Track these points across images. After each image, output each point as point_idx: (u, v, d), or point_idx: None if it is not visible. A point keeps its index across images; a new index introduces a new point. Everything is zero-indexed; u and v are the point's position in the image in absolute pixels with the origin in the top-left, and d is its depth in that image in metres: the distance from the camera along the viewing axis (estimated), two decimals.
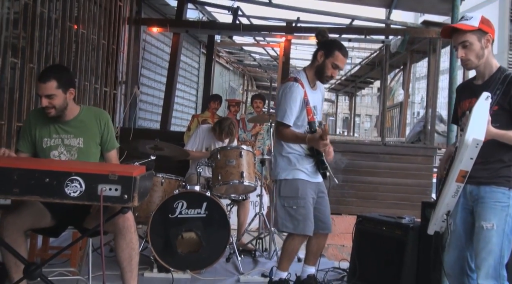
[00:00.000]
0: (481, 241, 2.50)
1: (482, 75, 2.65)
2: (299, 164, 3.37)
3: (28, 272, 2.49)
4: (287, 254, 3.47)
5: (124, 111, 7.09)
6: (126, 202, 2.19)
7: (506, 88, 2.50)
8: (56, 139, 3.00)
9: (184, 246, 3.93)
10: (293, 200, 3.35)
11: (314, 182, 3.43)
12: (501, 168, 2.54)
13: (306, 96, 3.34)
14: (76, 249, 3.60)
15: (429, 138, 7.60)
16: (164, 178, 4.33)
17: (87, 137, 3.04)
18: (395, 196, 6.95)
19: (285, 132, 3.32)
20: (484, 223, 2.50)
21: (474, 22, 2.56)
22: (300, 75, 3.43)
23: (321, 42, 3.44)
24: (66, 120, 3.01)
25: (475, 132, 2.38)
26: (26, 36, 4.88)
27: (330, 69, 3.35)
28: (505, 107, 2.52)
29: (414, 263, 3.60)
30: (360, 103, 29.36)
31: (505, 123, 2.51)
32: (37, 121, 3.01)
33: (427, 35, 7.58)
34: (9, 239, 2.65)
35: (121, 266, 2.80)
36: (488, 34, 2.56)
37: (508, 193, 2.51)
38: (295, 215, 3.34)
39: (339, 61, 3.33)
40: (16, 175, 2.14)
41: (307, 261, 3.62)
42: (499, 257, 2.47)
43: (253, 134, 6.69)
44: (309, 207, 3.37)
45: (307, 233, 3.36)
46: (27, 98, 4.95)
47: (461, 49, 2.59)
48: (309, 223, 3.35)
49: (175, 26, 7.60)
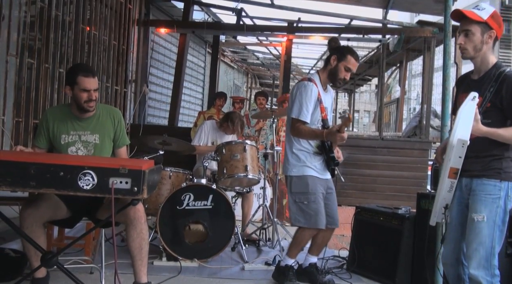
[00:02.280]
0: (473, 233, 2.47)
1: (478, 70, 2.59)
2: (308, 161, 3.38)
3: (45, 260, 2.52)
4: (296, 243, 3.50)
5: (134, 108, 7.10)
6: (136, 194, 2.20)
7: (499, 86, 2.45)
8: (74, 136, 3.02)
9: (191, 236, 3.95)
10: (304, 196, 3.36)
11: (323, 179, 3.44)
12: (492, 160, 2.49)
13: (319, 95, 3.36)
14: (90, 239, 3.62)
15: (424, 132, 7.58)
16: (172, 171, 4.34)
17: (103, 134, 3.07)
18: (392, 188, 6.95)
19: (302, 128, 3.31)
20: (475, 215, 2.46)
21: (484, 14, 2.47)
22: (314, 76, 3.45)
23: (333, 47, 3.48)
24: (84, 117, 3.03)
25: (460, 133, 2.36)
26: (42, 38, 4.90)
27: (343, 72, 3.38)
28: (497, 104, 2.46)
29: (410, 251, 3.61)
30: (359, 99, 29.23)
31: (496, 120, 2.46)
32: (54, 118, 3.02)
33: (422, 34, 7.55)
34: (29, 230, 2.68)
35: (132, 255, 2.82)
36: (492, 31, 2.47)
37: (499, 185, 2.46)
38: (307, 210, 3.35)
39: (351, 64, 3.37)
40: (33, 169, 2.16)
41: (311, 251, 3.62)
42: (490, 247, 2.44)
43: (256, 130, 6.68)
44: (320, 202, 3.38)
45: (319, 226, 3.37)
46: (43, 96, 4.97)
47: (463, 36, 2.51)
48: (321, 217, 3.36)
49: (182, 27, 7.59)
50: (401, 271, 3.59)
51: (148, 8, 7.50)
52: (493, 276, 2.45)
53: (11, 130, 4.57)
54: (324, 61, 3.52)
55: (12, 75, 4.54)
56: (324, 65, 3.51)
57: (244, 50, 13.18)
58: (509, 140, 2.45)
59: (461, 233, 2.61)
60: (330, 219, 3.48)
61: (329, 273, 3.74)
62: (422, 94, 8.27)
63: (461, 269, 2.67)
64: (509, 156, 2.50)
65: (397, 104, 11.22)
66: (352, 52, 3.40)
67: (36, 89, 4.89)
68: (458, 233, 2.63)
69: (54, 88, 5.19)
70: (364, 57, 11.79)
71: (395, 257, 3.61)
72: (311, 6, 7.92)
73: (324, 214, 3.39)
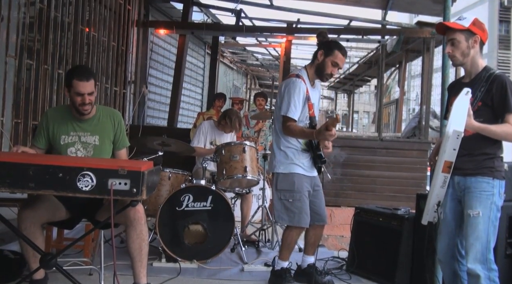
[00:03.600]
0: (469, 228, 2.57)
1: (469, 73, 2.72)
2: (296, 159, 3.35)
3: (44, 261, 2.51)
4: (286, 244, 3.48)
5: (133, 109, 7.10)
6: (135, 195, 2.20)
7: (489, 86, 2.58)
8: (74, 137, 3.01)
9: (190, 237, 3.94)
10: (289, 193, 3.34)
11: (310, 176, 3.41)
12: (484, 159, 2.60)
13: (308, 93, 3.33)
14: (89, 240, 3.61)
15: (423, 133, 7.58)
16: (171, 172, 4.33)
17: (102, 135, 3.06)
18: (391, 188, 6.95)
19: (293, 127, 3.26)
20: (470, 211, 2.57)
21: (465, 23, 2.63)
22: (301, 72, 3.41)
23: (321, 42, 3.42)
24: (84, 119, 3.02)
25: (455, 124, 2.47)
26: (41, 39, 4.90)
27: (330, 67, 3.32)
28: (488, 103, 2.58)
29: (409, 251, 3.61)
30: (358, 100, 29.24)
31: (488, 118, 2.58)
32: (54, 119, 3.02)
33: (421, 35, 7.56)
34: (27, 232, 2.67)
35: (132, 256, 2.82)
36: (476, 36, 2.62)
37: (492, 182, 2.58)
38: (291, 207, 3.34)
39: (338, 59, 3.31)
40: (32, 170, 2.16)
41: (306, 251, 3.62)
42: (486, 242, 2.54)
43: (256, 131, 6.68)
44: (305, 200, 3.36)
45: (302, 225, 3.36)
46: (42, 98, 4.97)
47: (449, 45, 2.67)
48: (304, 216, 3.34)
49: (181, 28, 7.60)
50: (400, 271, 3.58)
51: (147, 9, 7.51)
52: (490, 270, 2.53)
53: (10, 131, 4.57)
54: (312, 55, 3.47)
55: (11, 76, 4.54)
56: (311, 60, 3.44)
57: (244, 51, 13.19)
58: (500, 137, 2.58)
59: (455, 229, 2.71)
60: (317, 216, 3.46)
61: (329, 274, 3.73)
62: (421, 95, 8.28)
63: (456, 265, 2.75)
64: (500, 156, 2.64)
65: (396, 104, 11.23)
66: (340, 47, 3.33)
67: (35, 90, 4.89)
68: (451, 228, 2.73)
69: (53, 89, 5.18)
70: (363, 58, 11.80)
71: (395, 258, 3.61)
72: (310, 7, 7.94)
73: (308, 212, 3.36)
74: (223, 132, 5.03)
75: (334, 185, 6.68)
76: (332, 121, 3.00)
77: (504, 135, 2.56)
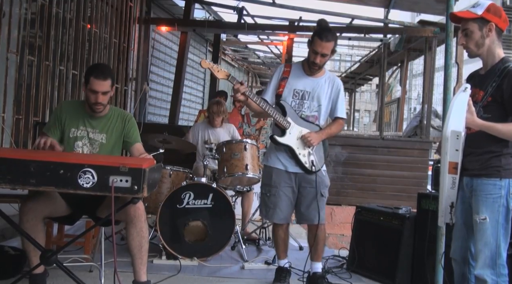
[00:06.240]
0: (477, 233, 2.45)
1: (485, 64, 2.54)
2: (277, 152, 3.32)
3: (44, 258, 2.51)
4: (274, 243, 3.51)
5: (135, 106, 7.10)
6: (136, 192, 2.19)
7: (501, 81, 2.40)
8: (83, 131, 3.04)
9: (191, 235, 3.94)
10: (267, 187, 3.33)
11: (292, 172, 3.31)
12: (490, 158, 2.44)
13: (287, 74, 3.31)
14: (90, 237, 3.61)
15: (425, 132, 7.58)
16: (172, 170, 4.33)
17: (110, 135, 3.08)
18: (392, 187, 6.95)
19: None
20: (477, 217, 2.43)
21: (478, 10, 2.44)
22: (297, 62, 3.42)
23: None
24: (96, 116, 3.05)
25: (453, 124, 2.30)
26: (42, 35, 4.90)
27: (312, 55, 3.23)
28: (498, 99, 2.42)
29: (410, 251, 3.61)
30: (360, 99, 29.22)
31: (497, 115, 2.42)
32: (68, 110, 3.05)
33: (423, 34, 7.54)
34: (29, 225, 2.67)
35: (132, 253, 2.82)
36: (490, 23, 2.42)
37: (500, 183, 2.41)
38: (267, 202, 3.33)
39: (316, 46, 3.18)
40: (33, 166, 2.15)
41: (310, 256, 3.48)
42: (495, 247, 2.41)
43: (257, 129, 6.67)
44: (281, 196, 3.28)
45: (273, 220, 3.36)
46: (43, 94, 4.97)
47: (463, 36, 2.50)
48: (277, 211, 3.29)
49: (183, 25, 7.59)
50: (401, 271, 3.58)
51: (149, 6, 7.51)
52: (499, 275, 2.42)
53: (11, 127, 4.57)
54: None
55: (12, 72, 4.54)
56: None
57: (245, 49, 13.17)
58: (507, 136, 2.40)
59: (467, 232, 2.58)
60: (302, 215, 3.36)
61: (329, 273, 3.74)
62: (423, 94, 8.27)
63: (466, 269, 2.64)
64: (509, 153, 2.45)
65: (398, 103, 11.23)
66: (319, 33, 3.17)
67: (37, 87, 4.89)
68: (463, 232, 2.60)
69: (54, 85, 5.18)
70: (365, 57, 11.79)
71: (395, 257, 3.61)
72: (313, 5, 7.92)
73: (283, 209, 3.29)
74: (213, 127, 4.94)
75: (335, 183, 6.66)
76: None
77: (510, 135, 2.39)
